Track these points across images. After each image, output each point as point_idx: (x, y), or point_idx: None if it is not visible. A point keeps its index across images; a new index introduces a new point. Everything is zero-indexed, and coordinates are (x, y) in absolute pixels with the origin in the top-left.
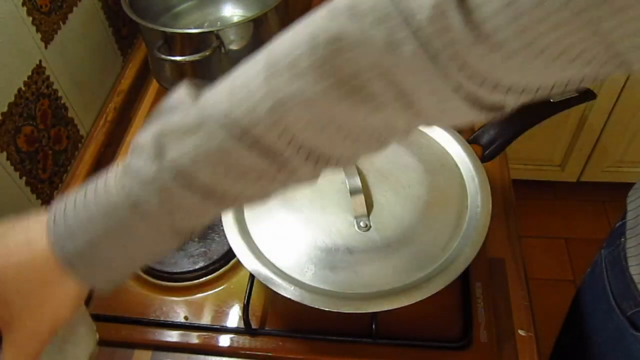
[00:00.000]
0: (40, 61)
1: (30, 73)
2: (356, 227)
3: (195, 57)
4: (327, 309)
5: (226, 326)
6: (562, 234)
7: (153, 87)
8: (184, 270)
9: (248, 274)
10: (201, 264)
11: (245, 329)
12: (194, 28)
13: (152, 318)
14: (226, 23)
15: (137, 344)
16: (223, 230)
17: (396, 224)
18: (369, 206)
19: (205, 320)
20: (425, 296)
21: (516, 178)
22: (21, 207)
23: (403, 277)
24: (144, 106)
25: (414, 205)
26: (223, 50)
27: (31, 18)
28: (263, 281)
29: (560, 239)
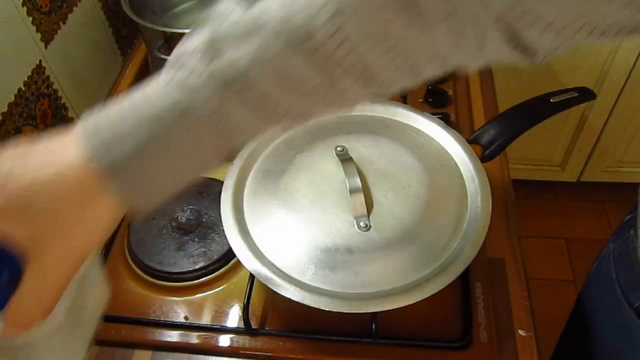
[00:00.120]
0: (40, 61)
1: (30, 73)
2: (356, 227)
3: None
4: (327, 309)
5: (226, 326)
6: (562, 234)
7: None
8: (184, 270)
9: (248, 274)
10: (201, 264)
11: (245, 329)
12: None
13: (152, 318)
14: None
15: (137, 344)
16: (223, 230)
17: (396, 224)
18: (369, 206)
19: (205, 320)
20: (425, 296)
21: (516, 178)
22: None
23: (403, 277)
24: None
25: (414, 205)
26: None
27: (31, 18)
28: (263, 281)
29: (560, 239)
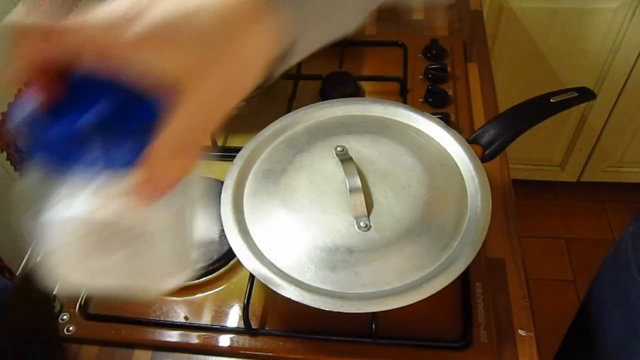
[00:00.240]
0: None
1: None
2: (356, 227)
3: None
4: (327, 309)
5: (226, 326)
6: (562, 234)
7: None
8: None
9: (248, 274)
10: (201, 264)
11: (245, 329)
12: None
13: (152, 318)
14: None
15: (137, 344)
16: (223, 230)
17: (396, 224)
18: (369, 206)
19: (205, 320)
20: (425, 296)
21: (516, 178)
22: None
23: (403, 277)
24: None
25: (414, 205)
26: None
27: None
28: (263, 281)
29: (560, 239)
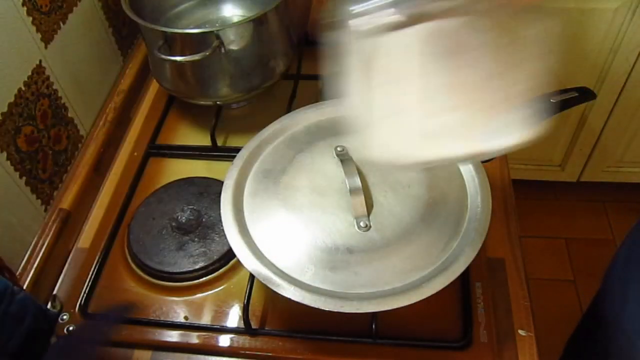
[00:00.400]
0: (40, 61)
1: (30, 73)
2: (356, 227)
3: (195, 57)
4: (327, 309)
5: (226, 326)
6: (562, 234)
7: (153, 87)
8: (184, 270)
9: (248, 274)
10: (201, 264)
11: (245, 329)
12: (194, 28)
13: (152, 318)
14: (226, 23)
15: (137, 344)
16: (223, 230)
17: (396, 224)
18: (369, 206)
19: (205, 320)
20: (425, 296)
21: (516, 178)
22: (21, 207)
23: (403, 277)
24: (144, 106)
25: (414, 205)
26: (223, 50)
27: (31, 18)
28: (263, 281)
29: (560, 239)
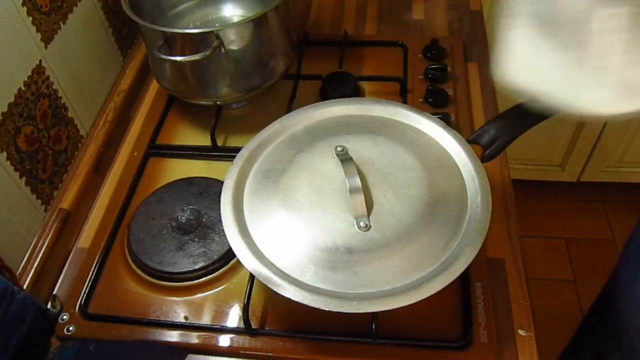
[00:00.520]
0: (40, 61)
1: (30, 73)
2: (356, 227)
3: (195, 57)
4: (327, 309)
5: (226, 326)
6: (562, 234)
7: (153, 87)
8: (184, 270)
9: (248, 274)
10: (201, 264)
11: (245, 329)
12: (194, 28)
13: (152, 318)
14: (226, 23)
15: None
16: (223, 230)
17: (396, 224)
18: (369, 206)
19: (205, 320)
20: (425, 296)
21: (516, 178)
22: (21, 207)
23: (403, 277)
24: (144, 106)
25: (414, 205)
26: (223, 50)
27: (31, 18)
28: (263, 281)
29: (560, 239)
